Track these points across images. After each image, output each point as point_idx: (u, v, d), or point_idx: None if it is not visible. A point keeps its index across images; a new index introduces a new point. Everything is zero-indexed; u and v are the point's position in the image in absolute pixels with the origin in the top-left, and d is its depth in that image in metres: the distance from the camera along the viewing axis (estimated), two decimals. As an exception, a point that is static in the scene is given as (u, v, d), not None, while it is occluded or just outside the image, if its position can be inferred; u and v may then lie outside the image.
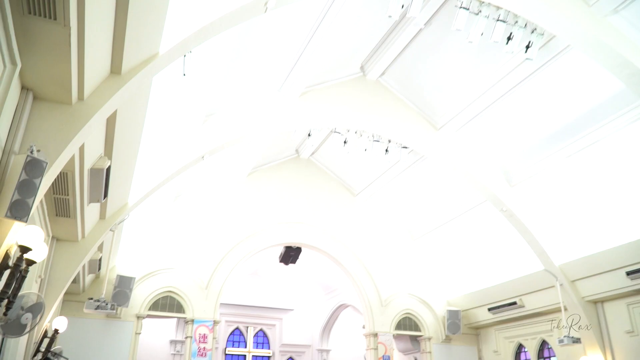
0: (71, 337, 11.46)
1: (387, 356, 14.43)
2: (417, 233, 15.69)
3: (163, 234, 13.28)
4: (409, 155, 12.69)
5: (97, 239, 8.45)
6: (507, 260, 13.41)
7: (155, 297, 12.79)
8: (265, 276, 19.46)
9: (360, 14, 9.28)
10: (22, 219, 3.88)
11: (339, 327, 19.90)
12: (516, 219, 11.89)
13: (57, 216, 7.09)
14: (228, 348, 18.78)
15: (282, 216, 14.65)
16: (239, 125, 9.98)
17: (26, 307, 4.55)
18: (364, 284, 14.96)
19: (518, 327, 14.26)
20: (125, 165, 7.33)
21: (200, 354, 12.63)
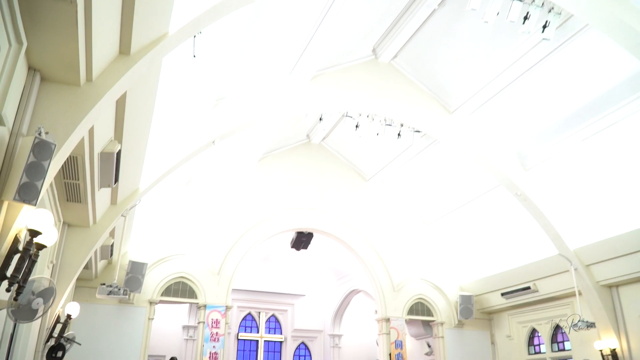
0: (84, 323, 11.53)
1: (399, 341, 14.39)
2: (429, 218, 15.56)
3: (175, 220, 13.27)
4: (422, 139, 12.55)
5: (109, 224, 8.41)
6: (521, 245, 13.26)
7: (168, 283, 12.81)
8: (277, 262, 19.46)
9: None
10: (31, 202, 3.81)
11: (351, 312, 19.90)
12: (530, 203, 11.71)
13: (68, 201, 7.05)
14: (240, 333, 18.86)
15: (293, 201, 14.57)
16: (249, 110, 9.87)
17: (37, 292, 4.50)
18: (375, 269, 14.89)
19: (531, 311, 14.15)
20: (136, 149, 7.25)
21: (213, 339, 12.66)
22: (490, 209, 13.52)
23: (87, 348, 11.44)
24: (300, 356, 19.67)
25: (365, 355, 19.89)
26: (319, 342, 19.80)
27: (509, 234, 13.41)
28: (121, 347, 11.87)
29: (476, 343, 15.26)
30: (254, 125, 10.26)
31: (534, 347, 14.34)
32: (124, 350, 11.88)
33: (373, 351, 19.77)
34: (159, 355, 15.76)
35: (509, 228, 13.34)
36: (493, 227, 13.77)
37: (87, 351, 11.44)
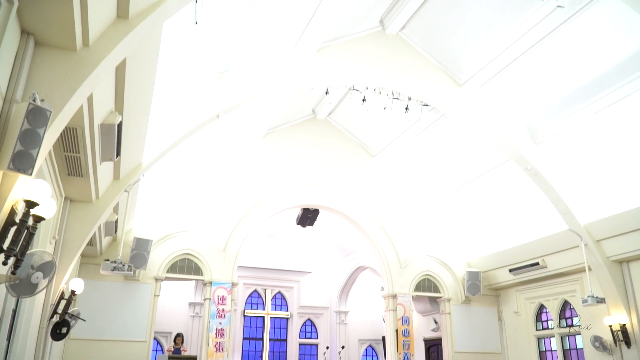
0: (90, 299, 11.50)
1: (406, 317, 14.34)
2: (436, 194, 15.37)
3: (179, 196, 13.14)
4: (430, 113, 12.31)
5: (112, 199, 8.27)
6: (530, 221, 13.09)
7: (173, 260, 12.74)
8: (283, 239, 19.39)
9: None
10: (26, 172, 3.64)
11: (357, 289, 19.86)
12: (541, 177, 11.50)
13: (69, 176, 6.89)
14: (247, 310, 18.89)
15: (298, 178, 14.40)
16: (254, 83, 9.63)
17: (36, 266, 4.36)
18: (382, 246, 14.77)
19: (539, 288, 14.04)
20: (138, 122, 7.06)
21: (219, 315, 12.62)
22: (498, 185, 13.32)
23: (94, 325, 11.44)
24: (307, 332, 19.72)
25: (371, 331, 19.93)
26: (325, 318, 19.82)
27: (518, 209, 13.23)
28: (127, 324, 11.85)
29: (483, 319, 15.20)
30: (258, 98, 10.03)
31: (542, 323, 14.26)
32: (131, 326, 11.86)
33: (379, 328, 19.80)
34: (166, 331, 15.79)
35: (517, 204, 13.16)
36: (501, 203, 13.58)
37: (94, 328, 11.44)
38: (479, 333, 15.01)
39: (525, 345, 14.40)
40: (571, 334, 13.26)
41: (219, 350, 12.34)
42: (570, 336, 13.33)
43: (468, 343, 14.79)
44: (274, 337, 19.16)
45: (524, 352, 14.41)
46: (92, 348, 11.31)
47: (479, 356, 14.72)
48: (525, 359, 14.30)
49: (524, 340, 14.49)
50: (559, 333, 13.51)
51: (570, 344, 13.34)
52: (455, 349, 14.58)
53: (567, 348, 13.39)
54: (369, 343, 20.00)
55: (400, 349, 14.00)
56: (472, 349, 14.76)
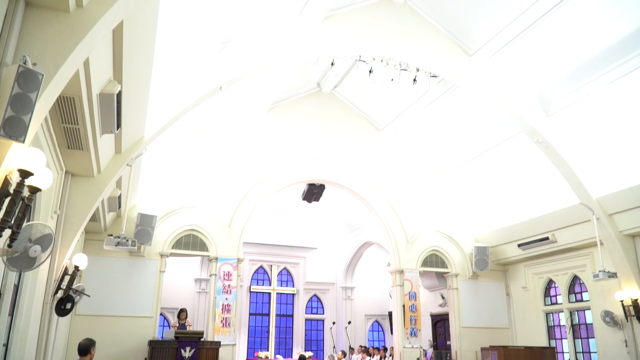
0: (96, 276, 11.44)
1: (413, 293, 14.25)
2: (444, 169, 15.14)
3: (184, 172, 12.97)
4: (439, 85, 11.99)
5: (114, 174, 8.09)
6: (539, 195, 12.86)
7: (178, 236, 12.62)
8: (288, 215, 19.25)
9: None
10: (18, 139, 3.43)
11: (363, 264, 19.78)
12: (552, 150, 11.23)
13: (69, 149, 6.70)
14: (252, 286, 18.87)
15: (304, 153, 14.18)
16: (257, 53, 9.33)
17: (34, 239, 4.19)
18: (389, 221, 14.60)
19: (548, 262, 13.88)
20: (138, 92, 6.83)
21: (225, 291, 12.55)
22: (507, 158, 13.07)
23: (100, 301, 11.40)
24: (313, 308, 19.72)
25: (377, 307, 19.91)
26: (331, 294, 19.80)
27: (527, 183, 12.99)
28: (134, 300, 11.80)
29: (491, 294, 15.10)
30: (262, 70, 9.74)
31: (550, 298, 14.14)
32: (137, 302, 11.81)
33: (385, 303, 19.78)
34: (172, 307, 15.78)
35: (526, 178, 12.92)
36: (510, 177, 13.34)
37: (100, 304, 11.41)
38: (487, 308, 14.93)
39: (534, 320, 14.30)
40: (581, 309, 13.14)
41: (225, 326, 12.30)
42: (580, 311, 13.20)
43: (475, 318, 14.72)
44: (280, 312, 19.17)
45: (532, 327, 14.32)
46: (98, 324, 11.27)
47: (487, 331, 14.66)
48: (533, 334, 14.22)
49: (532, 316, 14.39)
50: (567, 308, 13.38)
51: (579, 319, 13.23)
52: (462, 324, 14.51)
53: (576, 323, 13.28)
54: (375, 318, 20.01)
55: (408, 324, 13.94)
56: (480, 324, 14.70)
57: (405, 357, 13.67)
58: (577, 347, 13.14)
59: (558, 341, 13.75)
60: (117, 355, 11.18)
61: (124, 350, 11.33)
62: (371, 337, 19.82)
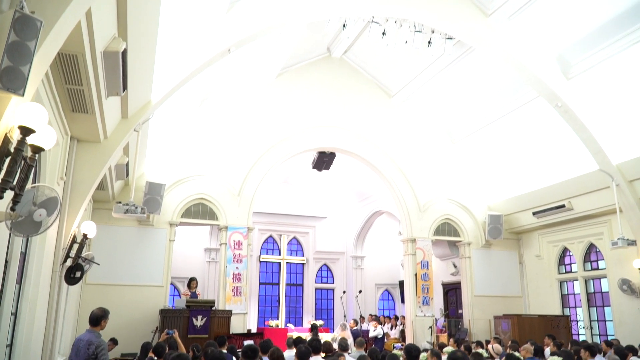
0: (105, 245, 11.32)
1: (425, 262, 14.07)
2: (457, 136, 14.78)
3: (192, 140, 12.71)
4: (454, 47, 11.55)
5: (121, 139, 7.83)
6: (556, 162, 12.52)
7: (187, 205, 12.44)
8: (297, 184, 19.02)
9: None
10: (17, 92, 3.17)
11: (374, 234, 19.61)
12: (572, 115, 10.86)
13: (74, 112, 6.42)
14: (262, 255, 18.78)
15: (314, 120, 13.84)
16: (267, 13, 8.93)
17: (39, 202, 3.96)
18: (401, 190, 14.34)
19: (564, 230, 13.63)
20: (144, 52, 6.51)
21: (235, 260, 12.42)
22: (523, 125, 12.70)
23: (110, 270, 11.30)
24: (323, 277, 19.66)
25: (387, 276, 19.82)
26: (341, 263, 19.70)
27: (543, 150, 12.65)
28: (144, 269, 11.70)
29: (503, 263, 14.92)
30: (272, 31, 9.34)
31: (565, 267, 13.93)
32: (147, 271, 11.71)
33: (396, 272, 19.70)
34: (182, 277, 15.71)
35: (543, 144, 12.58)
36: (526, 144, 13.00)
37: (110, 273, 11.32)
38: (499, 277, 14.77)
39: (547, 288, 14.14)
40: (596, 277, 12.94)
41: (236, 295, 12.21)
42: (595, 279, 13.00)
43: (488, 287, 14.58)
44: (290, 282, 19.13)
45: (545, 295, 14.16)
46: (109, 293, 11.19)
47: (499, 300, 14.52)
48: (547, 302, 14.07)
49: (545, 284, 14.22)
50: (582, 276, 13.18)
51: (594, 287, 13.03)
52: (475, 293, 14.38)
53: (591, 291, 13.09)
54: (385, 287, 19.95)
55: (420, 293, 13.81)
56: (492, 293, 14.56)
57: (417, 325, 13.58)
58: (592, 316, 12.98)
59: (572, 309, 13.60)
60: (129, 324, 11.12)
61: (135, 319, 11.27)
62: (381, 306, 19.80)
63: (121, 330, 10.73)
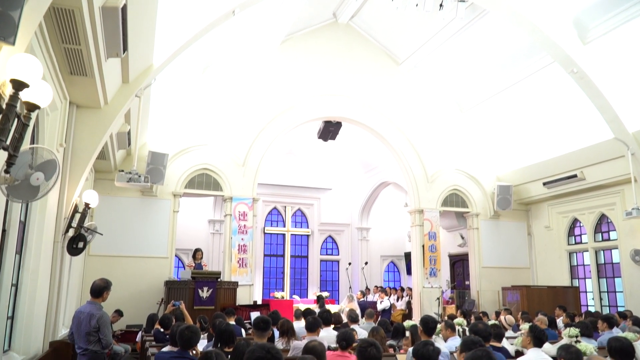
0: (108, 216, 11.11)
1: (433, 233, 13.87)
2: (466, 105, 14.42)
3: (194, 108, 12.37)
4: (467, 10, 11.09)
5: (122, 105, 7.52)
6: (568, 131, 12.18)
7: (191, 175, 12.18)
8: (302, 155, 18.71)
9: None
10: (7, 40, 2.87)
11: (379, 205, 19.38)
12: (588, 81, 10.48)
13: (72, 75, 6.10)
14: (267, 227, 18.60)
15: (320, 88, 13.46)
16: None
17: (36, 165, 3.69)
18: (408, 160, 14.04)
19: (574, 201, 13.37)
20: (145, 10, 6.17)
21: (240, 231, 12.22)
22: (534, 93, 12.34)
23: (113, 241, 11.12)
24: (328, 249, 19.52)
25: (393, 248, 19.67)
26: (346, 235, 19.53)
27: (555, 119, 12.31)
28: (148, 240, 11.52)
29: (512, 234, 14.71)
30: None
31: (574, 238, 13.72)
32: (151, 243, 11.52)
33: (401, 244, 19.54)
34: (186, 249, 15.56)
35: (554, 113, 12.24)
36: (536, 113, 12.66)
37: (114, 244, 11.15)
38: (507, 248, 14.58)
39: (556, 260, 13.95)
40: (607, 248, 12.73)
41: (242, 266, 12.05)
42: (606, 250, 12.80)
43: (495, 258, 14.41)
44: (295, 253, 19.00)
45: (554, 266, 13.99)
46: (113, 264, 11.03)
47: (507, 271, 14.35)
48: (555, 273, 13.90)
49: (554, 255, 14.03)
50: (593, 247, 12.97)
51: (605, 258, 12.84)
52: (482, 264, 14.22)
53: (601, 262, 12.90)
54: (390, 259, 19.82)
55: (427, 264, 13.64)
56: (500, 264, 14.39)
57: (424, 297, 13.44)
58: (602, 287, 12.82)
59: (581, 281, 13.44)
60: (134, 296, 10.98)
61: (140, 290, 11.13)
62: (386, 277, 19.70)
63: (126, 302, 10.60)
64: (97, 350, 5.15)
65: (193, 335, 4.41)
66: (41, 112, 5.95)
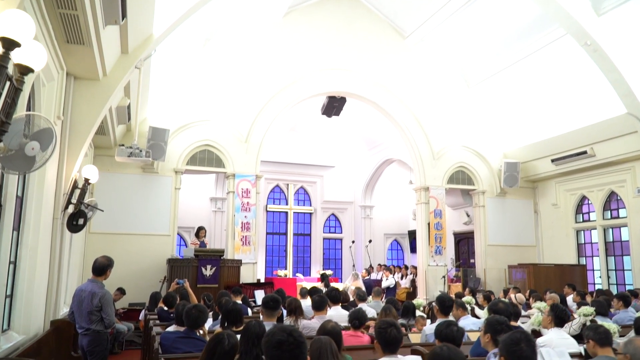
0: (108, 193, 10.88)
1: (438, 210, 13.66)
2: (473, 80, 14.07)
3: (195, 83, 12.03)
4: (477, -20, 10.72)
5: (122, 77, 7.22)
6: (578, 107, 11.87)
7: (193, 151, 11.92)
8: (304, 132, 18.39)
9: None
10: (-6, -8, 2.60)
11: (383, 183, 19.14)
12: (601, 54, 10.17)
13: (69, 43, 5.80)
14: (269, 205, 18.41)
15: (324, 62, 13.11)
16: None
17: (31, 134, 3.43)
18: (414, 136, 13.76)
19: (583, 178, 13.13)
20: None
21: (244, 209, 12.00)
22: (544, 67, 12.00)
23: (115, 218, 10.92)
24: (331, 227, 19.36)
25: (397, 226, 19.50)
26: (350, 213, 19.34)
27: (564, 94, 12.00)
28: (149, 218, 11.31)
29: (518, 212, 14.52)
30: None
31: (582, 215, 13.52)
32: (153, 220, 11.32)
33: (405, 222, 19.39)
34: (188, 227, 15.38)
35: (564, 88, 11.92)
36: (546, 88, 12.34)
37: (115, 221, 10.96)
38: (513, 226, 14.40)
39: (563, 237, 13.77)
40: (616, 226, 12.54)
41: (245, 244, 11.87)
42: (615, 228, 12.60)
43: (501, 236, 14.24)
44: (298, 232, 18.83)
45: (560, 245, 13.81)
46: (114, 242, 10.84)
47: (512, 249, 14.19)
48: (561, 252, 13.74)
49: (561, 233, 13.85)
50: (601, 225, 12.77)
51: (613, 236, 12.65)
52: (488, 242, 14.06)
53: (609, 240, 12.72)
54: (394, 237, 19.66)
55: (433, 242, 13.47)
56: (506, 242, 14.22)
57: (430, 275, 13.30)
58: (610, 265, 12.66)
59: (588, 259, 13.28)
60: (136, 274, 10.82)
61: (142, 268, 10.97)
62: (390, 255, 19.57)
63: (128, 280, 10.44)
64: (100, 330, 4.97)
65: (200, 314, 4.22)
66: (37, 82, 5.67)
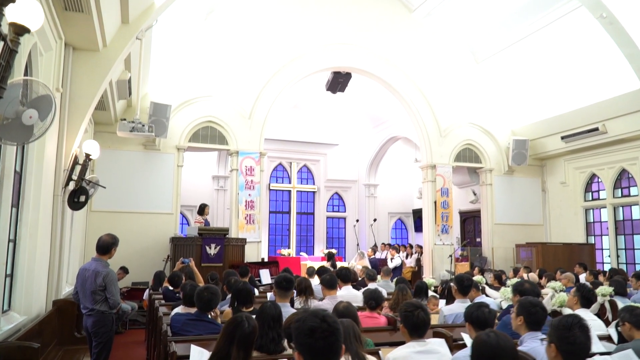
0: (110, 170, 10.62)
1: (445, 189, 13.44)
2: (482, 55, 13.71)
3: (197, 57, 11.69)
4: (489, -51, 10.33)
5: (122, 48, 6.93)
6: (589, 82, 11.55)
7: (195, 128, 11.64)
8: (308, 109, 18.06)
9: None
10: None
11: (388, 161, 18.84)
12: (617, 27, 9.83)
13: (67, 10, 5.51)
14: (272, 184, 18.17)
15: (328, 37, 12.74)
16: None
17: (29, 101, 3.17)
18: (421, 113, 13.47)
19: (593, 156, 12.88)
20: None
21: (248, 187, 11.77)
22: (554, 42, 11.66)
23: (116, 196, 10.70)
24: (334, 206, 19.15)
25: (401, 204, 19.28)
26: (353, 192, 19.10)
27: (575, 70, 11.66)
28: (152, 196, 11.08)
29: (526, 190, 14.30)
30: None
31: (592, 194, 13.29)
32: (155, 198, 11.10)
33: (409, 201, 19.17)
34: (190, 205, 15.16)
35: (575, 63, 11.58)
36: (556, 63, 12.00)
37: (117, 199, 10.74)
38: (521, 205, 14.19)
39: (571, 216, 13.57)
40: (626, 205, 12.32)
41: (249, 223, 11.66)
42: (625, 206, 12.39)
43: (508, 215, 14.04)
44: (301, 210, 18.62)
45: (569, 223, 13.62)
46: (116, 220, 10.61)
47: (519, 228, 14.00)
48: (569, 230, 13.55)
49: (569, 212, 13.64)
50: (611, 203, 12.56)
51: (624, 214, 12.44)
52: (495, 221, 13.86)
53: (619, 219, 12.52)
54: (398, 216, 19.46)
55: (439, 221, 13.27)
56: (513, 221, 14.03)
57: (436, 254, 13.13)
58: (619, 244, 12.48)
59: (597, 238, 13.09)
60: (139, 252, 10.63)
61: (145, 247, 10.78)
62: (394, 234, 19.39)
63: (131, 259, 10.26)
64: (105, 311, 4.77)
65: (213, 296, 4.01)
66: (34, 51, 5.39)
